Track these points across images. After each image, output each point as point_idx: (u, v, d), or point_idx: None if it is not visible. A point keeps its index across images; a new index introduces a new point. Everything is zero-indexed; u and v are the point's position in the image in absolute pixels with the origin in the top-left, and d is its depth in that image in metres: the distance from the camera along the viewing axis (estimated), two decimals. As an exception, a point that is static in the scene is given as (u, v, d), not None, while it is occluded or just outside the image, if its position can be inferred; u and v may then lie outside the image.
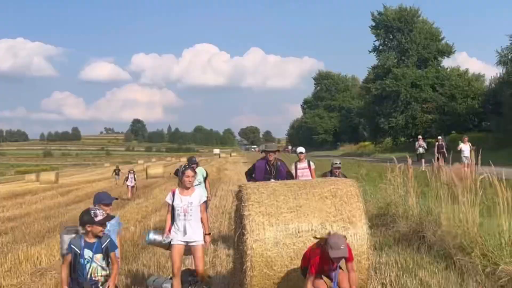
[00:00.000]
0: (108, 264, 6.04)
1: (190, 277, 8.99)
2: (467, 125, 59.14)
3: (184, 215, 7.68)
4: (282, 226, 7.05)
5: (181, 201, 7.73)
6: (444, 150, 26.10)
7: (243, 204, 7.33)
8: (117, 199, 7.61)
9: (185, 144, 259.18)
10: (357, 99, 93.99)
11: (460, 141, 24.59)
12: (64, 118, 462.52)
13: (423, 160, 28.09)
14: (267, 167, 10.90)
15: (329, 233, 6.21)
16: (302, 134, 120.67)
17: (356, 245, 6.99)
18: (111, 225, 6.97)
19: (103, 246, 5.99)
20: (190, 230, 7.69)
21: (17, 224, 19.27)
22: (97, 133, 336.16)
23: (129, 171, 26.72)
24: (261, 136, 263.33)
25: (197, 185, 12.19)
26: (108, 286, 5.98)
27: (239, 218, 7.68)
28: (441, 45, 65.43)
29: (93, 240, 5.96)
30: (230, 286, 8.44)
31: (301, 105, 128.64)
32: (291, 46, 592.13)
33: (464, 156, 22.93)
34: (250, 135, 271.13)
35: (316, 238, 6.42)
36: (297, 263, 6.82)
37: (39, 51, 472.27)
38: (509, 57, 48.29)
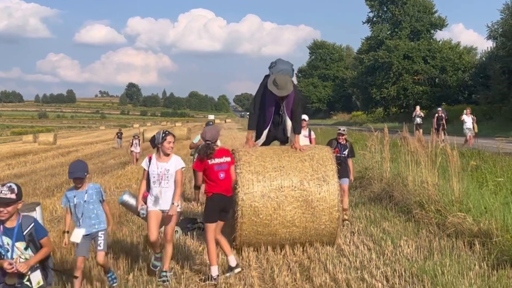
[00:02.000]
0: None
1: (188, 224, 10.45)
2: (457, 97, 60.57)
3: (160, 183, 7.18)
4: (268, 182, 8.34)
5: (157, 167, 7.20)
6: (444, 121, 26.03)
7: (235, 164, 8.37)
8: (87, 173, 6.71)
9: (180, 109, 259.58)
10: (351, 69, 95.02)
11: (464, 112, 25.20)
12: (59, 80, 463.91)
13: (420, 131, 23.56)
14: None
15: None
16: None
17: (328, 199, 8.44)
18: (89, 195, 6.57)
19: (24, 232, 4.83)
20: (164, 199, 7.21)
21: (25, 181, 19.68)
22: (92, 95, 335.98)
23: (133, 137, 26.49)
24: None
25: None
26: (17, 268, 4.74)
27: None
28: (434, 18, 66.47)
29: (13, 224, 4.83)
30: (224, 231, 9.80)
31: (296, 74, 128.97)
32: (287, 14, 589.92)
33: (467, 128, 23.98)
34: (245, 102, 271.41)
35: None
36: (280, 212, 8.28)
37: (34, 12, 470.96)
38: (499, 31, 49.09)
